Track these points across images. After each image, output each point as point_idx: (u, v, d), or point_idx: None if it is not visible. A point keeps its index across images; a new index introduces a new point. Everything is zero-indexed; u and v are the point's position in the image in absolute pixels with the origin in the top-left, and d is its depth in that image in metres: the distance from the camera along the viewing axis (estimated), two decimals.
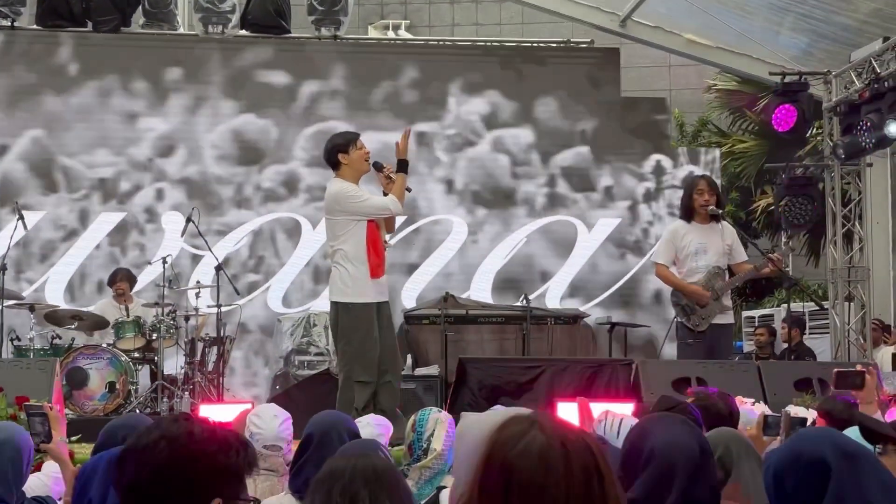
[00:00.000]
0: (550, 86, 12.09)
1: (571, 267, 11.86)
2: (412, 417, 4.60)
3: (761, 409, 5.94)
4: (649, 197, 12.07)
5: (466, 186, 12.06)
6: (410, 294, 11.71)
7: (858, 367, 5.94)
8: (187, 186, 11.78)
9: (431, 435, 4.52)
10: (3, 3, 11.79)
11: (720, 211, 8.78)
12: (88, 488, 3.49)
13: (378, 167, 7.88)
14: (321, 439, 4.06)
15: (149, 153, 11.81)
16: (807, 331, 12.80)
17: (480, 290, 11.72)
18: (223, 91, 11.95)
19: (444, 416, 4.61)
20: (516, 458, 1.97)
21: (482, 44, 13.29)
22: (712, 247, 8.64)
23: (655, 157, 12.13)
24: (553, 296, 11.76)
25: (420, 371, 9.96)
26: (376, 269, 7.62)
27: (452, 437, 4.33)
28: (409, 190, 7.94)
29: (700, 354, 8.27)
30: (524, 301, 10.25)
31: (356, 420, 4.82)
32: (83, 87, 11.79)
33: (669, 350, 9.64)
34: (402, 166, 7.84)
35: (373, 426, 5.16)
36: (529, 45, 12.89)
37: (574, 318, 10.50)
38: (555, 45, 12.70)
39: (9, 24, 11.89)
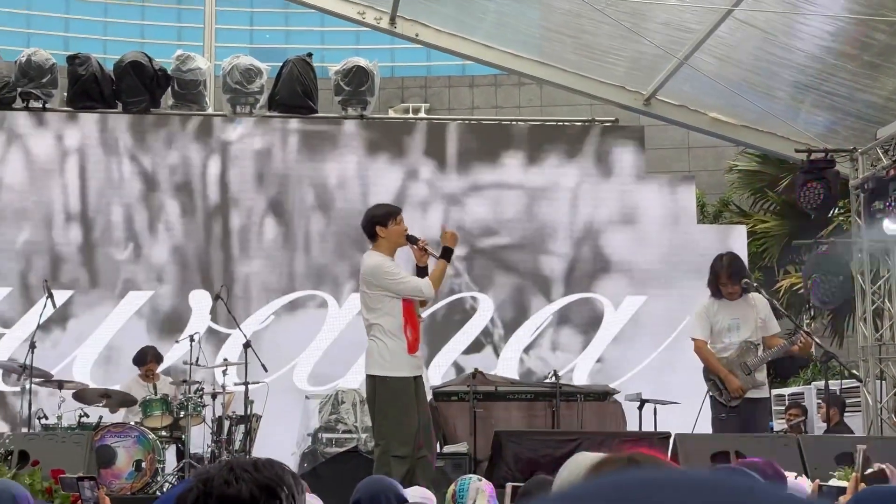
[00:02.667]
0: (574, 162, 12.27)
1: (600, 342, 11.86)
2: (451, 487, 4.55)
3: (804, 482, 5.87)
4: None
5: None
6: (437, 370, 11.69)
7: (877, 467, 5.85)
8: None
9: (473, 503, 4.47)
10: (35, 86, 11.95)
11: (754, 284, 8.74)
12: None
13: (412, 240, 7.85)
14: None
15: None
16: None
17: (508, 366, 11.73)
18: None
19: (485, 483, 4.56)
20: None
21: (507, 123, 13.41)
22: (745, 322, 8.59)
23: None
24: (581, 372, 11.74)
25: (449, 448, 9.87)
26: (414, 345, 7.56)
27: None
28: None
29: (734, 429, 8.17)
30: (553, 377, 10.19)
31: None
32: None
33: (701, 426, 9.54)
34: (447, 254, 7.78)
35: (418, 497, 5.09)
36: (555, 123, 13.02)
37: (604, 395, 10.41)
38: (579, 123, 12.84)
39: (40, 105, 12.04)
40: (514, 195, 12.26)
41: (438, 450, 9.82)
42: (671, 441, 7.71)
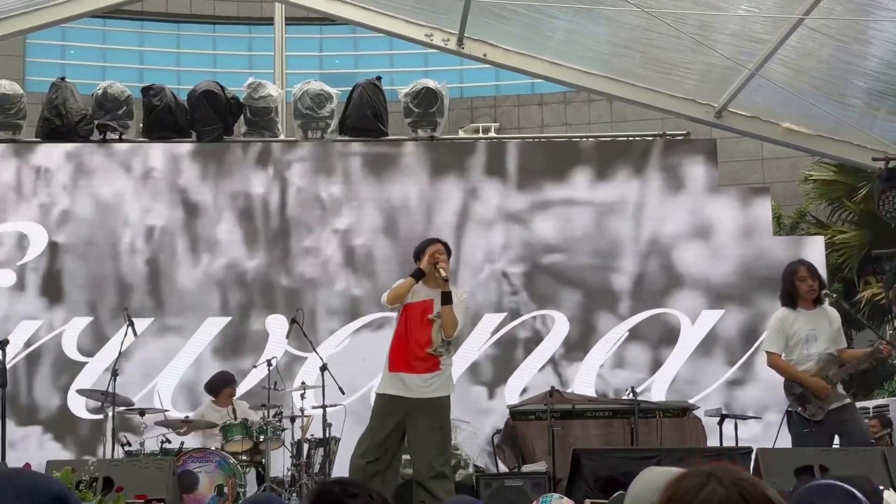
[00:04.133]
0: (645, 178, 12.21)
1: (678, 358, 11.78)
2: None
3: (890, 495, 5.76)
4: None
5: None
6: (514, 389, 11.69)
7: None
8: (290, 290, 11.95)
9: None
10: (111, 118, 12.18)
11: (834, 296, 8.61)
12: None
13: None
14: None
15: None
16: None
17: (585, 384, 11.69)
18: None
19: (567, 502, 4.54)
20: None
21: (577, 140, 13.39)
22: (822, 333, 8.45)
23: None
24: (658, 388, 11.66)
25: (528, 467, 9.85)
26: (396, 363, 7.95)
27: None
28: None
29: (817, 445, 8.02)
30: (631, 394, 10.12)
31: None
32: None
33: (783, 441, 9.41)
34: (447, 299, 8.02)
35: None
36: (624, 138, 12.97)
37: (683, 411, 10.32)
38: (650, 137, 12.79)
39: (117, 136, 12.27)
40: (583, 212, 12.22)
41: (518, 469, 9.84)
42: (753, 456, 7.60)
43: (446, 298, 7.94)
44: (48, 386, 11.70)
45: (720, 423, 10.27)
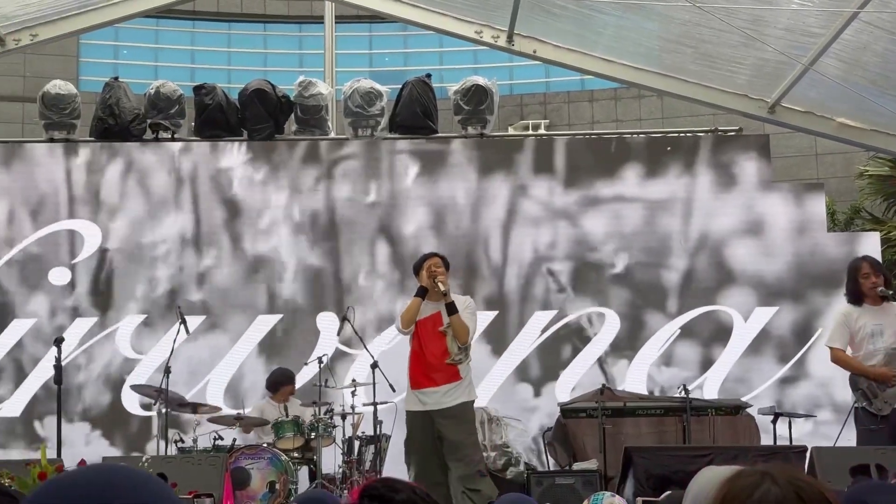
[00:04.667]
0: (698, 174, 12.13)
1: (730, 355, 11.68)
2: (585, 502, 4.53)
3: None
4: None
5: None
6: (565, 386, 11.65)
7: None
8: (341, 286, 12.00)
9: None
10: (163, 117, 12.28)
11: (890, 292, 8.50)
12: None
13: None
14: None
15: None
16: None
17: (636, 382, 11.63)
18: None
19: (619, 500, 4.52)
20: None
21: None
22: (889, 328, 8.35)
23: None
24: (711, 386, 11.58)
25: (578, 465, 9.82)
26: (417, 380, 8.33)
27: None
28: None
29: (884, 441, 7.93)
30: (682, 392, 10.05)
31: None
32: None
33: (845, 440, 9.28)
34: (452, 309, 8.39)
35: None
36: (676, 134, 12.88)
37: (736, 409, 10.23)
38: (702, 133, 12.68)
39: (169, 135, 12.37)
40: (633, 209, 12.15)
41: (569, 467, 9.82)
42: (808, 455, 7.52)
43: (451, 309, 8.30)
44: (100, 383, 11.82)
45: (774, 422, 10.17)
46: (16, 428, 11.66)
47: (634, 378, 11.71)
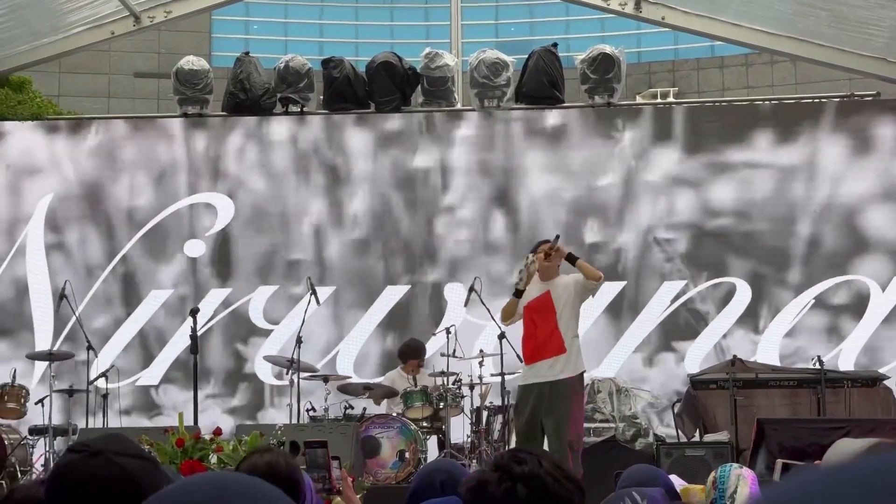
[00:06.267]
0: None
1: (867, 326, 11.39)
2: (712, 474, 4.48)
3: None
4: None
5: None
6: (694, 358, 11.52)
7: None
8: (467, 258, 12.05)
9: (735, 492, 4.38)
10: (293, 91, 12.44)
11: None
12: None
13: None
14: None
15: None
16: None
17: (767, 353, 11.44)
18: None
19: (746, 472, 4.45)
20: None
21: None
22: None
23: None
24: (846, 357, 11.31)
25: (709, 437, 9.70)
26: (529, 355, 8.20)
27: (756, 494, 4.17)
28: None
29: None
30: (817, 363, 9.84)
31: None
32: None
33: None
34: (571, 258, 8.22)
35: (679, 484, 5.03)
36: (811, 100, 12.56)
37: (873, 380, 9.98)
38: (838, 99, 12.34)
39: (298, 109, 12.53)
40: (763, 175, 11.89)
41: (699, 439, 9.71)
42: None
43: (571, 258, 8.16)
44: (233, 353, 12.09)
45: None
46: (153, 397, 12.01)
47: (766, 349, 11.50)
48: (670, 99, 17.68)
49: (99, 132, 12.57)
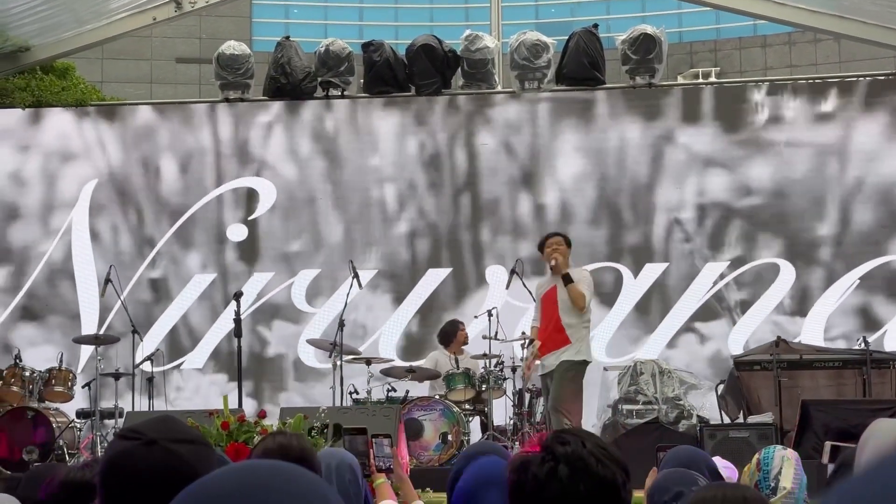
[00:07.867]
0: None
1: None
2: (756, 456, 4.45)
3: None
4: None
5: None
6: (737, 339, 11.47)
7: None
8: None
9: (779, 473, 4.35)
10: (333, 74, 12.46)
11: None
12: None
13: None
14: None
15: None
16: None
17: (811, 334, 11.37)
18: None
19: (791, 453, 4.42)
20: None
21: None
22: None
23: None
24: (891, 338, 11.21)
25: (754, 419, 9.65)
26: (541, 348, 8.95)
27: (801, 475, 4.16)
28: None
29: None
30: (862, 344, 9.76)
31: None
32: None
33: None
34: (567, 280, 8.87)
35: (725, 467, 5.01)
36: (855, 79, 12.42)
37: None
38: (883, 77, 12.19)
39: (339, 93, 12.55)
40: (802, 154, 11.79)
41: (743, 420, 9.68)
42: None
43: (566, 280, 8.83)
44: (276, 336, 12.16)
45: None
46: (198, 380, 12.11)
47: (810, 330, 11.42)
48: (712, 79, 17.54)
49: (141, 117, 12.67)
